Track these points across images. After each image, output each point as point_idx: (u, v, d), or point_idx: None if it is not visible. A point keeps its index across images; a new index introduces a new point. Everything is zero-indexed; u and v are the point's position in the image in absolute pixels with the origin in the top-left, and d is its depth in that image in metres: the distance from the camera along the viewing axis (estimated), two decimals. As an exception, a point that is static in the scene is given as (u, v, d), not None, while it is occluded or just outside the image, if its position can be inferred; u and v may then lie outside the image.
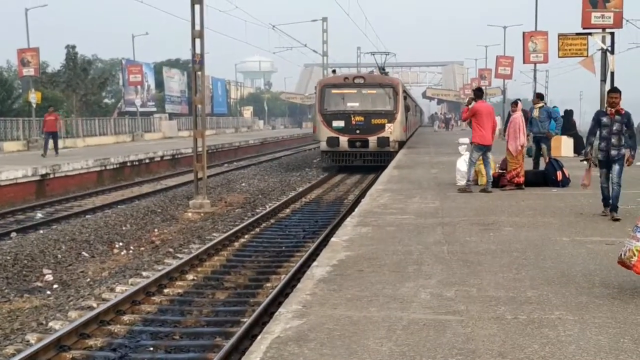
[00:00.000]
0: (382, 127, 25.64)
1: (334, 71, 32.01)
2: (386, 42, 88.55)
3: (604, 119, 9.78)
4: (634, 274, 6.00)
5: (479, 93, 13.89)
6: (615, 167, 9.82)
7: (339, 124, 25.72)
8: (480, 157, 13.51)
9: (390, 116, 25.83)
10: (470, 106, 13.51)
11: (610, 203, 9.95)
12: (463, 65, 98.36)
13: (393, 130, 25.83)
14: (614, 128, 9.71)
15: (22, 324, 8.40)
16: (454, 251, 7.83)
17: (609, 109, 9.83)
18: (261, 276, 10.52)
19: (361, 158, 26.12)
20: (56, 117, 27.69)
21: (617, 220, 9.64)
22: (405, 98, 28.73)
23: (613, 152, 9.76)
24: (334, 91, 26.31)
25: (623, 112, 9.70)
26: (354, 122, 25.69)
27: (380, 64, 32.20)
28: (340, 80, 27.18)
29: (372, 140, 25.58)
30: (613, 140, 9.73)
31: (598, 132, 9.92)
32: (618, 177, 9.85)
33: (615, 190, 9.85)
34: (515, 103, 14.19)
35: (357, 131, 25.67)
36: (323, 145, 26.41)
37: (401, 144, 27.90)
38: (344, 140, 25.64)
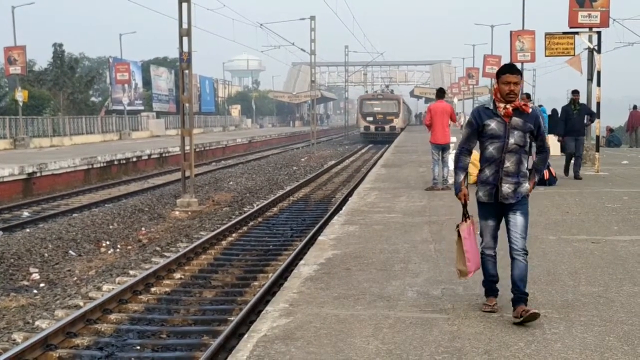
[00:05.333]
0: (392, 120, 50.07)
1: (366, 91, 71.21)
2: (374, 41, 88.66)
3: (492, 124, 5.24)
4: (620, 273, 6.01)
5: (440, 93, 14.16)
6: (518, 219, 5.23)
7: (369, 118, 50.16)
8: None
9: (396, 115, 50.48)
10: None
11: (497, 288, 5.54)
12: (451, 64, 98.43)
13: (398, 122, 50.50)
14: (511, 141, 5.20)
15: (9, 323, 8.36)
16: (441, 249, 7.86)
17: (501, 105, 5.25)
18: (248, 275, 10.51)
19: (381, 137, 48.45)
20: None
21: (529, 320, 5.08)
22: (404, 104, 56.14)
23: (506, 189, 5.23)
24: (367, 102, 51.79)
25: (529, 110, 5.23)
26: (377, 118, 50.05)
27: (387, 84, 66.99)
28: (370, 96, 54.94)
29: (387, 127, 49.80)
30: (508, 164, 5.23)
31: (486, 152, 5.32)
32: (522, 238, 5.21)
33: (519, 266, 5.19)
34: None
35: (379, 122, 49.94)
36: (361, 130, 51.49)
37: (402, 129, 51.50)
38: (372, 127, 50.06)
